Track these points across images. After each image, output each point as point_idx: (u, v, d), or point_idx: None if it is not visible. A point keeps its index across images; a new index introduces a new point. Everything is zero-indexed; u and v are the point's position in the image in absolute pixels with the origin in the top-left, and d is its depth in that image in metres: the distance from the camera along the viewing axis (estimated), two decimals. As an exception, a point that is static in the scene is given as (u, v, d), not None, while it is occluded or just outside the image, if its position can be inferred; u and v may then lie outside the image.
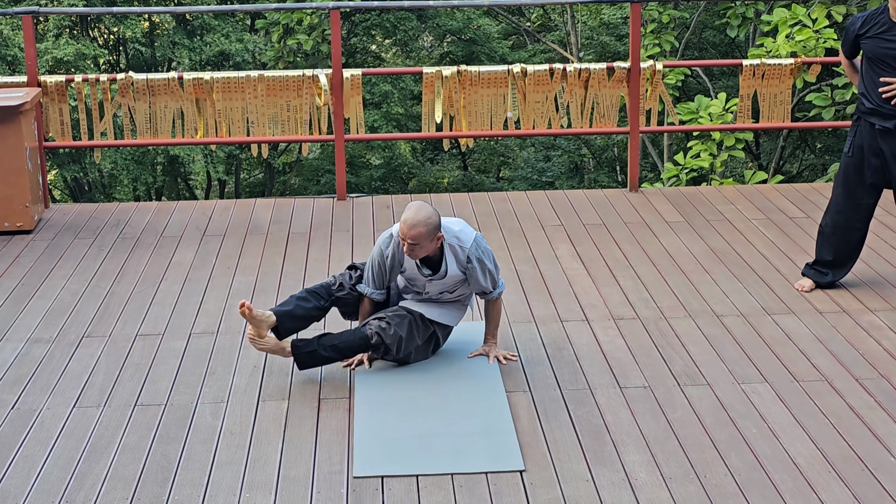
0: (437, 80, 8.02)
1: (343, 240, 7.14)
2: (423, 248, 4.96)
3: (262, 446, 4.51)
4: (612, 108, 8.15)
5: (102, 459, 4.42)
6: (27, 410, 4.85)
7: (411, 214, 4.93)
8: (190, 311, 5.96)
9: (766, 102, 8.27)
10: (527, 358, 5.31)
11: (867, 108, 5.87)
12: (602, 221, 7.45)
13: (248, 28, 22.76)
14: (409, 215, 4.94)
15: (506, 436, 4.55)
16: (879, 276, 6.38)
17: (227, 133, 8.01)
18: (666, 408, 4.80)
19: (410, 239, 4.92)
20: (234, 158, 23.30)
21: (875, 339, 5.52)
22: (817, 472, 4.27)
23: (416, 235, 4.91)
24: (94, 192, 22.94)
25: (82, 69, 19.80)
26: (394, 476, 4.27)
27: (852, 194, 5.99)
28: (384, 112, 21.39)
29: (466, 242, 5.07)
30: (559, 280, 6.36)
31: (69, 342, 5.58)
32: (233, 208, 7.86)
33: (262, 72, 8.00)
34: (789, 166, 19.15)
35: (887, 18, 5.76)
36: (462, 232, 5.11)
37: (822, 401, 4.85)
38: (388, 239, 5.14)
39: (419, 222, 4.91)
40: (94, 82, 7.92)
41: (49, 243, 7.11)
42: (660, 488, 4.17)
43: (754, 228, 7.26)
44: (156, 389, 5.03)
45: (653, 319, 5.78)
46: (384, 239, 5.16)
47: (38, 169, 7.60)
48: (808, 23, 10.49)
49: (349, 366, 5.21)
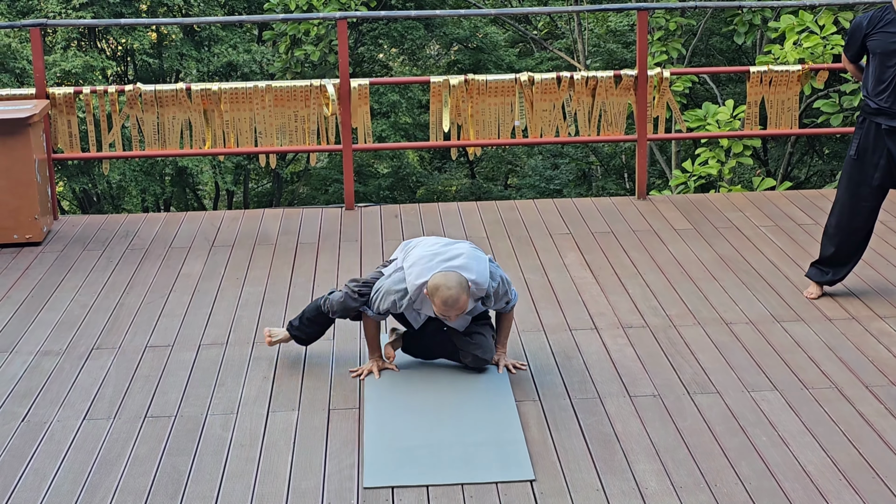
0: (445, 89, 8.02)
1: (352, 249, 7.15)
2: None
3: (271, 457, 4.51)
4: (619, 115, 8.15)
5: (113, 472, 4.42)
6: (37, 423, 4.85)
7: (447, 292, 4.79)
8: (199, 323, 5.97)
9: (773, 109, 8.27)
10: (536, 367, 5.31)
11: (872, 109, 5.88)
12: (610, 229, 7.45)
13: (255, 39, 22.81)
14: (445, 294, 4.79)
15: (516, 445, 4.55)
16: (888, 282, 6.36)
17: (235, 143, 8.03)
18: (676, 416, 4.79)
19: (457, 312, 4.86)
20: (242, 169, 23.34)
21: (885, 345, 5.50)
22: (828, 480, 4.25)
23: (462, 307, 4.85)
24: (103, 203, 22.99)
25: (90, 81, 19.87)
26: (404, 486, 4.27)
27: (856, 195, 5.99)
28: (392, 122, 21.42)
29: (484, 285, 4.96)
30: (568, 288, 6.35)
31: (79, 354, 5.59)
32: (241, 219, 7.87)
33: (269, 82, 8.01)
34: (797, 172, 19.13)
35: (893, 14, 5.79)
36: (478, 277, 4.93)
37: (832, 408, 4.84)
38: (402, 294, 4.99)
39: (459, 296, 4.80)
40: (102, 94, 7.94)
41: (58, 255, 7.12)
42: (670, 497, 4.16)
43: (763, 235, 7.25)
44: (165, 401, 5.04)
45: (662, 327, 5.77)
46: (397, 294, 5.00)
47: (46, 181, 7.62)
48: (816, 29, 10.48)
49: (358, 375, 5.21)
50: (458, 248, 5.04)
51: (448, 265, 4.91)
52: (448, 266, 4.90)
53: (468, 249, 5.04)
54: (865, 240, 6.11)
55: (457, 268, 4.90)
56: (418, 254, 5.05)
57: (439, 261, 4.94)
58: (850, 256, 6.11)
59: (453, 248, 5.05)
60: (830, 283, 6.14)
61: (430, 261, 4.96)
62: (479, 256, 5.02)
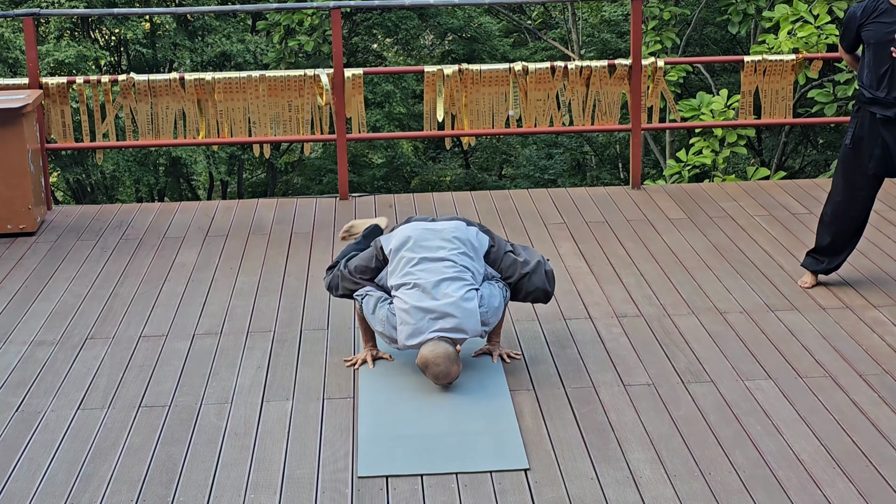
0: (439, 78, 8.01)
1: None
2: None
3: (266, 447, 4.51)
4: (613, 105, 8.15)
5: (107, 461, 4.42)
6: (31, 413, 4.85)
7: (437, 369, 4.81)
8: (193, 313, 5.96)
9: (767, 99, 8.27)
10: (530, 356, 5.31)
11: (867, 98, 5.88)
12: (605, 219, 7.45)
13: (249, 29, 22.76)
14: (435, 371, 4.82)
15: (510, 434, 4.55)
16: (883, 271, 6.37)
17: (229, 133, 8.01)
18: (670, 405, 4.80)
19: (450, 381, 4.89)
20: (237, 159, 23.29)
21: (878, 334, 5.51)
22: (821, 469, 4.26)
23: (454, 376, 4.88)
24: (97, 193, 22.94)
25: (84, 71, 19.80)
26: (398, 476, 4.27)
27: (852, 185, 6.00)
28: (386, 112, 21.38)
29: (476, 332, 4.98)
30: (562, 278, 6.35)
31: (73, 344, 5.58)
32: (235, 209, 7.87)
33: (263, 72, 8.00)
34: (791, 162, 19.13)
35: (887, 3, 5.78)
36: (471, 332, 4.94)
37: (826, 397, 4.85)
38: (391, 340, 5.01)
39: (449, 369, 4.83)
40: (95, 84, 7.93)
41: (52, 245, 7.11)
42: (664, 486, 4.17)
43: (757, 225, 7.25)
44: (160, 391, 5.04)
45: (656, 317, 5.78)
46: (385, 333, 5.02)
47: (40, 171, 7.61)
48: (810, 19, 10.47)
49: (353, 364, 5.21)
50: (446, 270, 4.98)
51: (439, 327, 4.87)
52: (439, 329, 4.87)
53: (456, 295, 4.91)
54: (860, 229, 6.12)
55: (448, 331, 4.87)
56: (406, 279, 5.00)
57: (430, 319, 4.87)
58: (846, 245, 6.12)
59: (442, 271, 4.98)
60: (825, 272, 6.15)
61: (420, 318, 4.88)
62: (468, 310, 4.91)
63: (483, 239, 5.20)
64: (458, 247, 5.09)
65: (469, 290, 4.96)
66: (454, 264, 5.02)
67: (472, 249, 5.13)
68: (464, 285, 4.97)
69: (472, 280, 5.03)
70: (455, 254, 5.05)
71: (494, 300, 5.04)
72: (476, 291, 4.99)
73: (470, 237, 5.16)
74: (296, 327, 5.73)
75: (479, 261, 5.14)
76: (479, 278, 5.09)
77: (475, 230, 5.22)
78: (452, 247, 5.08)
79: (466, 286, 4.97)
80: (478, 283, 5.06)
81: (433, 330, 4.87)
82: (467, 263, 5.06)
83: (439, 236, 5.12)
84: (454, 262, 5.02)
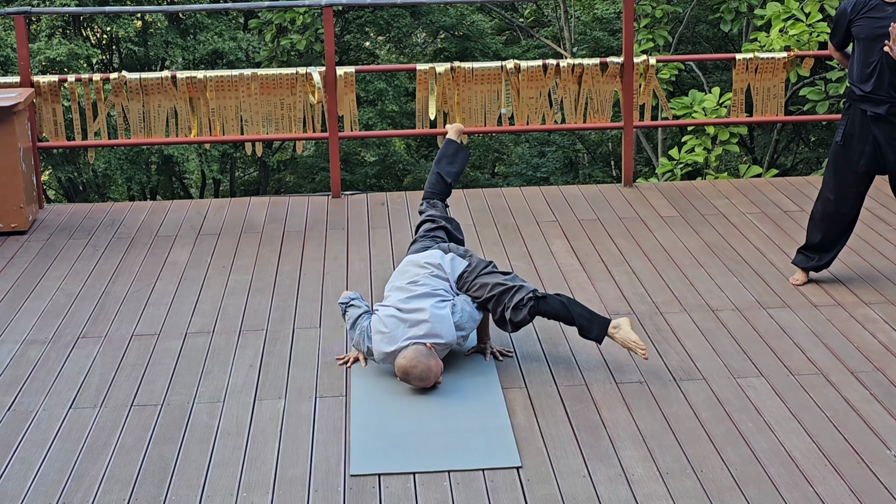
0: (431, 76, 8.01)
1: (338, 238, 7.14)
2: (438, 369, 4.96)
3: (258, 446, 4.51)
4: (605, 103, 8.15)
5: (99, 460, 4.42)
6: (23, 412, 4.84)
7: (416, 371, 4.86)
8: (185, 311, 5.96)
9: (759, 96, 8.28)
10: (523, 354, 5.31)
11: (858, 96, 5.89)
12: (597, 216, 7.45)
13: (241, 27, 22.73)
14: (415, 373, 4.86)
15: (502, 432, 4.55)
16: (874, 268, 6.38)
17: (221, 132, 8.00)
18: (662, 403, 4.80)
19: (435, 377, 4.91)
20: (229, 157, 23.26)
21: (870, 331, 5.52)
22: (813, 466, 4.27)
23: (437, 371, 4.90)
24: (89, 192, 22.90)
25: (75, 69, 19.76)
26: (391, 473, 4.27)
27: (842, 182, 6.01)
28: (378, 110, 21.37)
29: (451, 339, 5.04)
30: (554, 275, 6.36)
31: (65, 343, 5.58)
32: (227, 207, 7.86)
33: (255, 70, 7.99)
34: (783, 160, 19.16)
35: (878, 0, 5.80)
36: (447, 338, 5.02)
37: (818, 394, 4.86)
38: (369, 351, 5.12)
39: (429, 365, 4.86)
40: (87, 82, 7.91)
41: (44, 244, 7.10)
42: (656, 483, 4.17)
43: (749, 222, 7.26)
44: (152, 390, 5.03)
45: (648, 314, 5.78)
46: (364, 345, 5.14)
47: (31, 169, 7.60)
48: (802, 16, 10.50)
49: (345, 363, 5.21)
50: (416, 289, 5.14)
51: (412, 334, 4.97)
52: (412, 336, 4.96)
53: (427, 304, 5.05)
54: (851, 226, 6.13)
55: (421, 337, 4.96)
56: (384, 301, 5.23)
57: (404, 328, 5.00)
58: (836, 242, 6.13)
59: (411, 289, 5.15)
60: (816, 269, 6.16)
61: (395, 326, 5.00)
62: (441, 315, 5.02)
63: (459, 263, 5.31)
64: (430, 270, 5.25)
65: (440, 300, 5.11)
66: (425, 285, 5.17)
67: (443, 271, 5.26)
68: (437, 299, 5.11)
69: (445, 294, 5.17)
70: (425, 275, 5.22)
71: (468, 307, 5.14)
72: (448, 302, 5.12)
73: (442, 262, 5.29)
74: (288, 326, 5.73)
75: (453, 282, 5.26)
76: (452, 295, 5.21)
77: (451, 255, 5.35)
78: (425, 271, 5.24)
79: (438, 298, 5.12)
80: (451, 297, 5.18)
81: (406, 337, 4.97)
82: (438, 284, 5.20)
83: (413, 263, 5.31)
84: (426, 284, 5.17)
